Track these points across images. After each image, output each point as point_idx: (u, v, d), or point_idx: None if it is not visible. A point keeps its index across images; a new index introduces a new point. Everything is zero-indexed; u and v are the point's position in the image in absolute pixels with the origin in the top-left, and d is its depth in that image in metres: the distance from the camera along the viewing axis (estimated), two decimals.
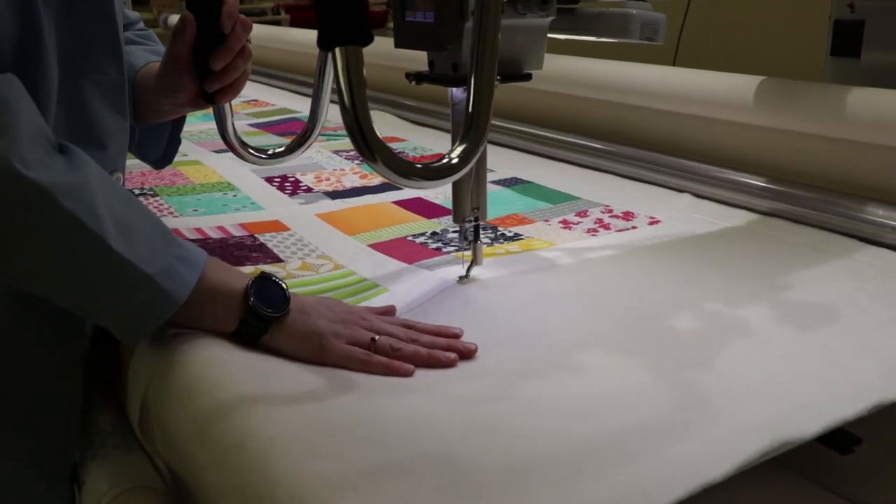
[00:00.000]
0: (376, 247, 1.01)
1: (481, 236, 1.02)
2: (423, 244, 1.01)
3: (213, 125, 1.81)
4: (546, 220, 1.10)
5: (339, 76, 0.62)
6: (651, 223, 1.08)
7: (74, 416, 0.80)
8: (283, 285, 0.75)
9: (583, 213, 1.12)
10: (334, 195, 1.24)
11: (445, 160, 0.69)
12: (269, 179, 1.33)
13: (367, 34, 0.62)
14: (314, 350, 0.71)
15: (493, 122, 1.49)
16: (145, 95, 0.95)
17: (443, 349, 0.72)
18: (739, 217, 1.09)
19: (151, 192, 1.25)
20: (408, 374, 0.69)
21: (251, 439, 0.58)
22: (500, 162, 1.42)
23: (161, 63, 0.94)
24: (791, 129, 1.14)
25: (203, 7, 0.88)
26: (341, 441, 0.58)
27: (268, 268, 0.94)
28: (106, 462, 0.77)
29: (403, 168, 0.67)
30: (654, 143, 1.32)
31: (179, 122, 1.05)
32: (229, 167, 1.40)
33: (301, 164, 1.42)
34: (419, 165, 0.68)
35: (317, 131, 1.05)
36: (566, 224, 1.08)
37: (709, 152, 1.24)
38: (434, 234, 1.05)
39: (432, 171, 0.69)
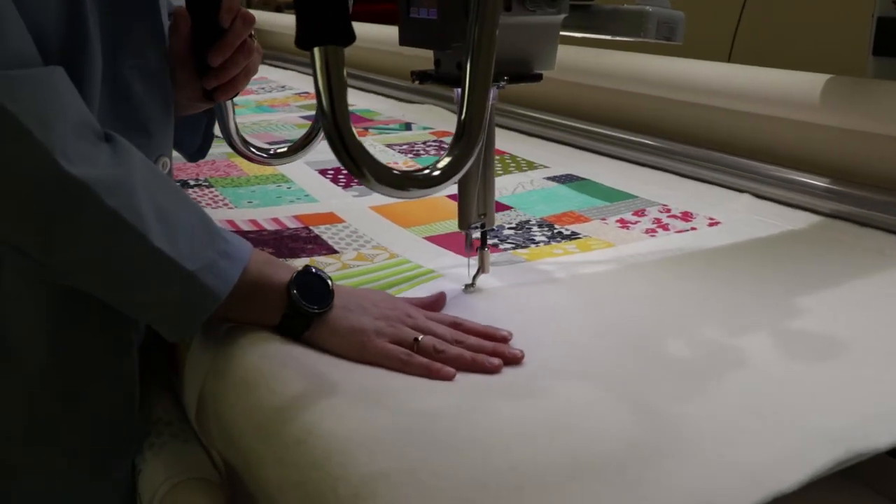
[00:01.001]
0: (431, 240, 1.00)
1: (539, 234, 1.02)
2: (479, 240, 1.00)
3: (265, 117, 1.84)
4: (603, 219, 1.08)
5: (316, 78, 0.60)
6: (711, 224, 1.05)
7: (131, 403, 0.80)
8: (328, 279, 0.74)
9: (640, 213, 1.11)
10: None
11: (428, 171, 0.66)
12: (323, 172, 1.33)
13: (348, 33, 0.60)
14: (355, 347, 0.71)
15: (549, 117, 1.52)
16: None
17: (489, 353, 0.70)
18: (801, 219, 1.06)
19: (206, 184, 1.26)
20: (448, 378, 0.68)
21: (313, 436, 0.58)
22: (555, 158, 1.41)
23: None
24: (856, 129, 1.11)
25: (201, 1, 0.85)
26: (405, 440, 0.58)
27: (323, 259, 0.94)
28: (163, 452, 0.77)
29: (390, 177, 0.64)
30: (713, 141, 1.30)
31: (212, 117, 1.03)
32: None
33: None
34: (397, 172, 0.65)
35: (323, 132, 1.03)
36: (623, 223, 1.06)
37: (769, 151, 1.22)
38: (490, 230, 1.04)
39: (419, 180, 0.66)
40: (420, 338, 0.71)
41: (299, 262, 0.93)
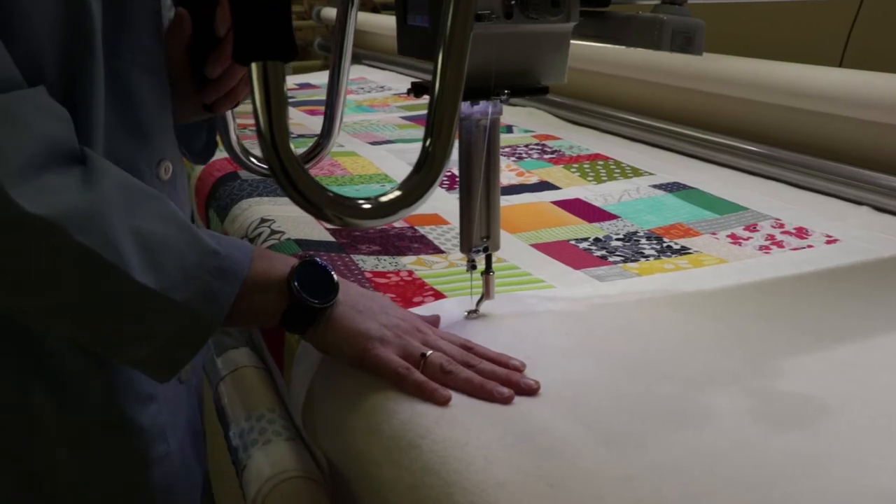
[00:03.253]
0: (538, 247, 0.99)
1: (647, 247, 0.99)
2: (587, 250, 0.98)
3: (367, 117, 1.85)
4: (713, 233, 1.05)
5: (254, 95, 0.55)
6: (828, 242, 1.01)
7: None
8: (331, 272, 0.69)
9: (752, 227, 1.07)
10: None
11: (362, 202, 0.61)
12: None
13: (290, 48, 0.56)
14: (357, 352, 0.67)
15: (654, 122, 1.49)
16: None
17: (501, 381, 0.65)
18: None
19: None
20: (443, 403, 0.63)
21: (427, 441, 0.57)
22: (661, 165, 1.38)
23: None
24: None
25: (195, 5, 0.78)
26: (521, 448, 0.57)
27: (430, 258, 0.94)
28: (267, 449, 0.77)
29: (327, 202, 0.59)
30: (827, 149, 1.25)
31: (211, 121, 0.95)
32: (385, 159, 1.41)
33: (454, 160, 1.41)
34: (330, 195, 0.59)
35: (332, 141, 0.97)
36: (735, 239, 1.03)
37: (889, 161, 1.17)
38: (597, 240, 1.02)
39: (361, 210, 0.60)
40: (428, 353, 0.66)
41: (406, 261, 0.93)
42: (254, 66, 0.55)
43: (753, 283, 0.87)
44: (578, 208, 1.15)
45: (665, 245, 1.01)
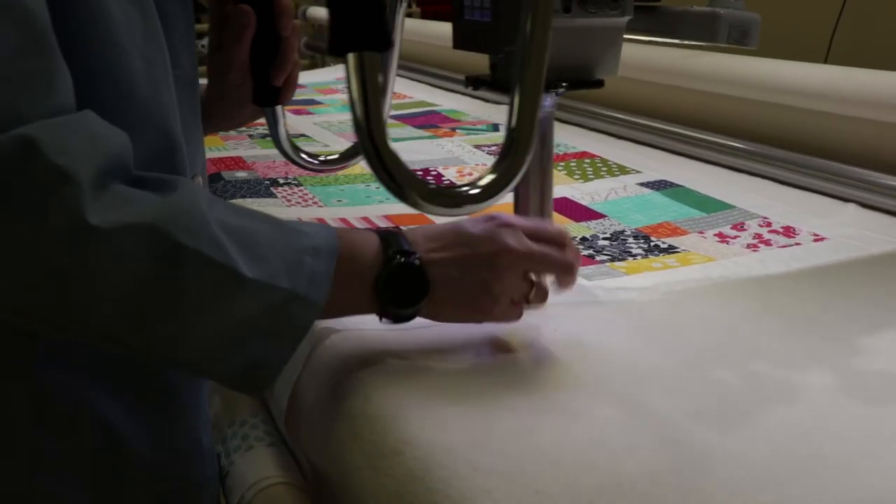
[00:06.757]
0: None
1: (635, 246, 0.99)
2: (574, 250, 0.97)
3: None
4: (700, 232, 1.04)
5: (350, 86, 0.56)
6: (816, 240, 1.00)
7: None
8: (418, 265, 0.64)
9: (739, 226, 1.06)
10: None
11: (466, 188, 0.62)
12: None
13: (384, 38, 0.57)
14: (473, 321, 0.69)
15: (641, 120, 1.48)
16: None
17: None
18: None
19: (296, 182, 1.25)
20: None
21: (411, 447, 0.56)
22: (648, 163, 1.37)
23: (213, 80, 0.84)
24: None
25: (261, 7, 0.78)
26: (506, 452, 0.56)
27: None
28: (250, 455, 0.76)
29: (427, 193, 0.61)
30: (814, 146, 1.25)
31: None
32: None
33: (443, 158, 1.40)
34: (433, 186, 0.62)
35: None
36: (723, 238, 1.02)
37: (877, 158, 1.16)
38: (584, 239, 1.01)
39: (459, 198, 0.62)
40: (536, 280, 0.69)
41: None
42: (350, 57, 0.56)
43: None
44: (565, 207, 1.14)
45: (652, 244, 1.00)
